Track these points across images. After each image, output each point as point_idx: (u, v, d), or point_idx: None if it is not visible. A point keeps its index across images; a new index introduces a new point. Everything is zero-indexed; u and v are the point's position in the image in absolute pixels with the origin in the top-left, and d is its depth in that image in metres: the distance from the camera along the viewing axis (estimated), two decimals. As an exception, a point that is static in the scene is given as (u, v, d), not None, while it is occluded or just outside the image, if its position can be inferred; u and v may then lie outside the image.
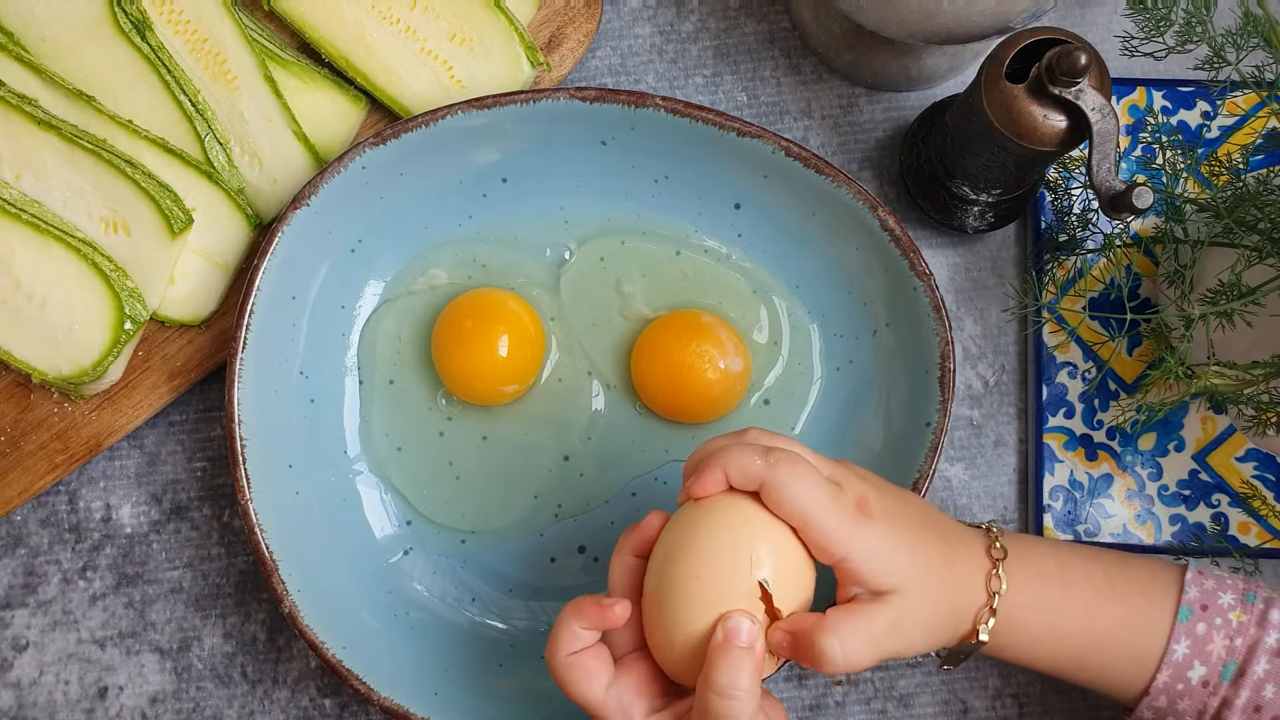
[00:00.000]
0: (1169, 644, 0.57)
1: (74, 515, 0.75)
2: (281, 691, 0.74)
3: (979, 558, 0.57)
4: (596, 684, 0.53)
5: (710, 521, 0.53)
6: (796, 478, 0.52)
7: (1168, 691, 0.58)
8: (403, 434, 0.73)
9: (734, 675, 0.50)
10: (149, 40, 0.72)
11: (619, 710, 0.53)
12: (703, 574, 0.52)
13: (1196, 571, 0.59)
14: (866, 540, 0.53)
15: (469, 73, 0.73)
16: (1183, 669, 0.57)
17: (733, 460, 0.53)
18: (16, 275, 0.70)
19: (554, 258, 0.74)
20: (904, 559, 0.54)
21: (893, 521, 0.54)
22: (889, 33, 0.66)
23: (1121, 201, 0.60)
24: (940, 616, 0.55)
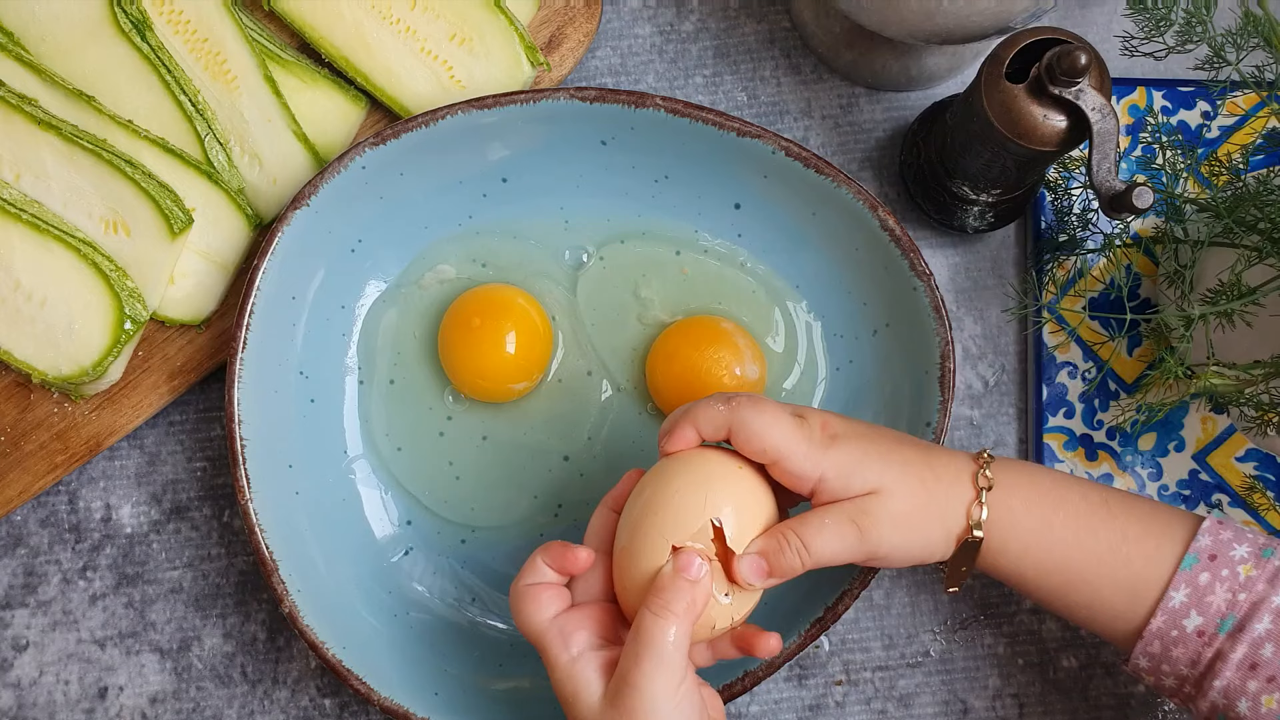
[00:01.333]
0: (1166, 589, 0.56)
1: (74, 515, 0.75)
2: (281, 691, 0.74)
3: (963, 460, 0.58)
4: (544, 612, 0.55)
5: (674, 469, 0.56)
6: (760, 414, 0.55)
7: (1161, 637, 0.56)
8: (403, 434, 0.73)
9: (671, 597, 0.52)
10: (149, 40, 0.72)
11: (559, 636, 0.54)
12: (660, 513, 0.54)
13: (1216, 522, 0.58)
14: (836, 457, 0.55)
15: (469, 73, 0.73)
16: (1178, 616, 0.56)
17: (700, 413, 0.57)
18: (17, 275, 0.70)
19: (572, 260, 0.74)
20: (875, 464, 0.56)
21: (862, 438, 0.57)
22: (889, 33, 0.66)
23: (1121, 201, 0.60)
24: (924, 513, 0.56)
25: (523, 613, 0.55)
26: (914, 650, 0.74)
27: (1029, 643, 0.74)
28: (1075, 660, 0.74)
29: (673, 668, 0.52)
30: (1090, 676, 0.73)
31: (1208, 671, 0.56)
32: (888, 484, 0.56)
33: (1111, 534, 0.57)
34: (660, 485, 0.56)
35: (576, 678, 0.53)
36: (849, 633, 0.74)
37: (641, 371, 0.73)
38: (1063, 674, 0.74)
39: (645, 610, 0.52)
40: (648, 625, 0.52)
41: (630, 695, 0.51)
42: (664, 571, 0.53)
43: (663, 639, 0.52)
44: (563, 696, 0.54)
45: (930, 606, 0.74)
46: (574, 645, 0.54)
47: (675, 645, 0.52)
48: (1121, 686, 0.73)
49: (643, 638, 0.52)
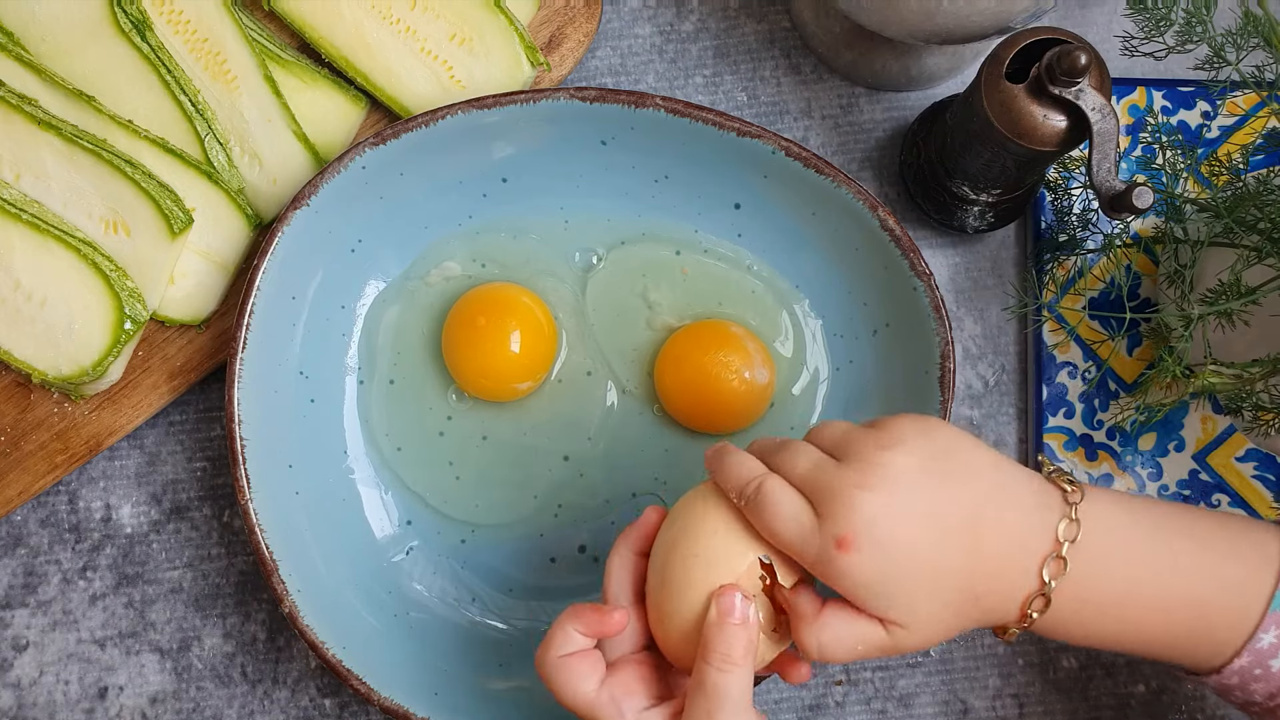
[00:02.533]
0: (1256, 632, 0.52)
1: (74, 515, 0.75)
2: (281, 691, 0.74)
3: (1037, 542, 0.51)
4: (588, 683, 0.52)
5: (707, 507, 0.53)
6: (761, 517, 0.51)
7: (1242, 674, 0.53)
8: (403, 434, 0.73)
9: (729, 646, 0.50)
10: (149, 40, 0.72)
11: (611, 705, 0.52)
12: (699, 554, 0.52)
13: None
14: (849, 580, 0.50)
15: (469, 73, 0.73)
16: (1265, 656, 0.53)
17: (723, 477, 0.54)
18: (17, 275, 0.70)
19: (582, 262, 0.74)
20: (901, 597, 0.50)
21: (888, 557, 0.49)
22: (889, 33, 0.66)
23: (1121, 201, 0.60)
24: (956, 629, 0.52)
25: (564, 687, 0.53)
26: (914, 650, 0.74)
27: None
28: (1075, 660, 0.74)
29: (745, 713, 0.51)
30: (1090, 677, 0.73)
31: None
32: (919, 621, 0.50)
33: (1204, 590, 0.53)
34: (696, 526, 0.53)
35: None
36: (849, 633, 0.74)
37: (645, 373, 0.73)
38: (1063, 674, 0.74)
39: (706, 666, 0.50)
40: (713, 680, 0.50)
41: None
42: (711, 618, 0.51)
43: (729, 690, 0.50)
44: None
45: (930, 606, 0.74)
46: (629, 712, 0.52)
47: (743, 693, 0.51)
48: (1121, 687, 0.73)
49: (710, 694, 0.50)
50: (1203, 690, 0.73)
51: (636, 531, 0.56)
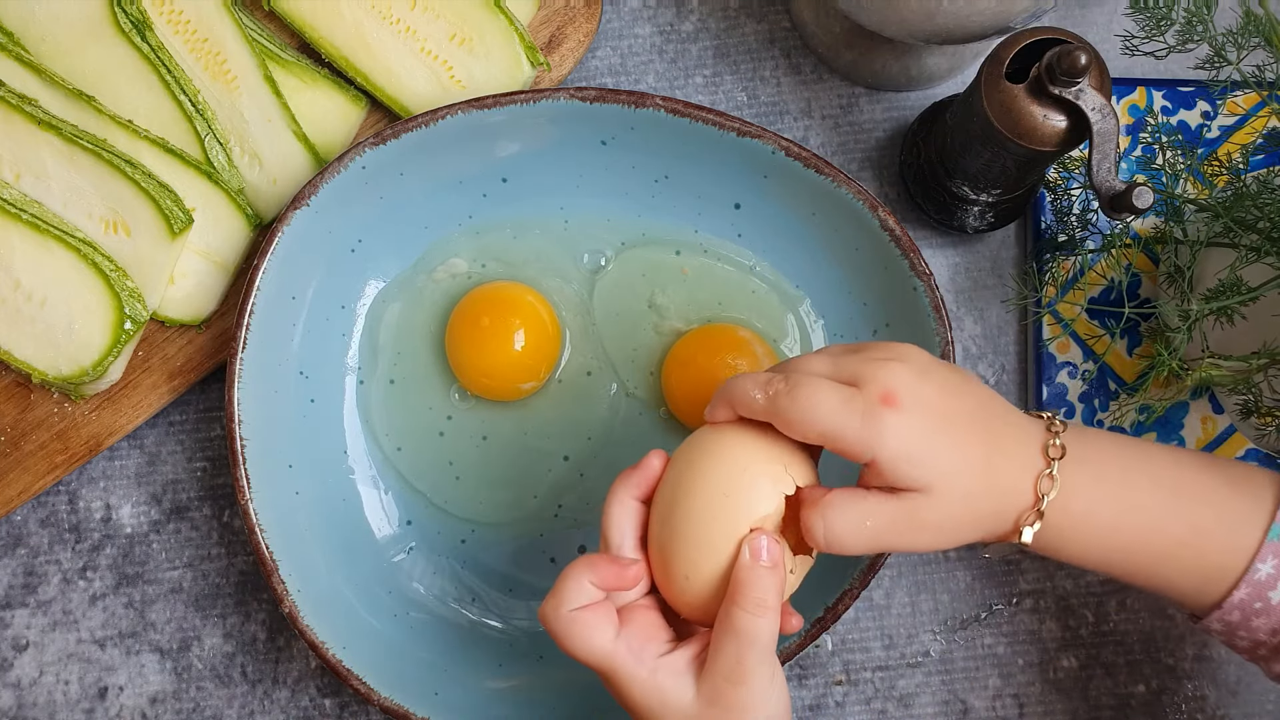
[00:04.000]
0: (1253, 562, 0.53)
1: (74, 515, 0.75)
2: (281, 691, 0.74)
3: (1030, 456, 0.53)
4: (604, 635, 0.51)
5: (719, 451, 0.52)
6: (799, 400, 0.51)
7: (1243, 608, 0.54)
8: (403, 434, 0.73)
9: (763, 592, 0.50)
10: (149, 40, 0.72)
11: (630, 655, 0.51)
12: (716, 502, 0.51)
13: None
14: (892, 437, 0.50)
15: (469, 73, 0.73)
16: (1264, 588, 0.53)
17: (736, 397, 0.53)
18: (17, 275, 0.70)
19: (591, 263, 0.74)
20: (938, 456, 0.51)
21: (928, 414, 0.51)
22: (889, 33, 0.66)
23: (1121, 202, 0.60)
24: (965, 521, 0.52)
25: (578, 640, 0.52)
26: (914, 650, 0.74)
27: (1029, 643, 0.74)
28: (1075, 660, 0.74)
29: (772, 658, 0.51)
30: (1090, 677, 0.73)
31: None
32: (942, 486, 0.51)
33: (1196, 520, 0.54)
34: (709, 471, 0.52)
35: (663, 688, 0.51)
36: (849, 632, 0.74)
37: (648, 374, 0.73)
38: (1063, 674, 0.74)
39: (738, 610, 0.50)
40: (746, 625, 0.50)
41: (735, 691, 0.50)
42: (744, 561, 0.50)
43: (761, 635, 0.50)
44: (644, 710, 0.52)
45: (930, 606, 0.74)
46: (647, 659, 0.52)
47: (772, 637, 0.51)
48: (1121, 687, 0.73)
49: (744, 638, 0.50)
50: (1203, 690, 0.73)
51: (640, 476, 0.55)
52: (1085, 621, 0.74)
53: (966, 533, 0.53)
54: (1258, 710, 0.73)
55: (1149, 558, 0.54)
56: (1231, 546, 0.53)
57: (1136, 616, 0.74)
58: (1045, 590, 0.74)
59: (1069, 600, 0.74)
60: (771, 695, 0.51)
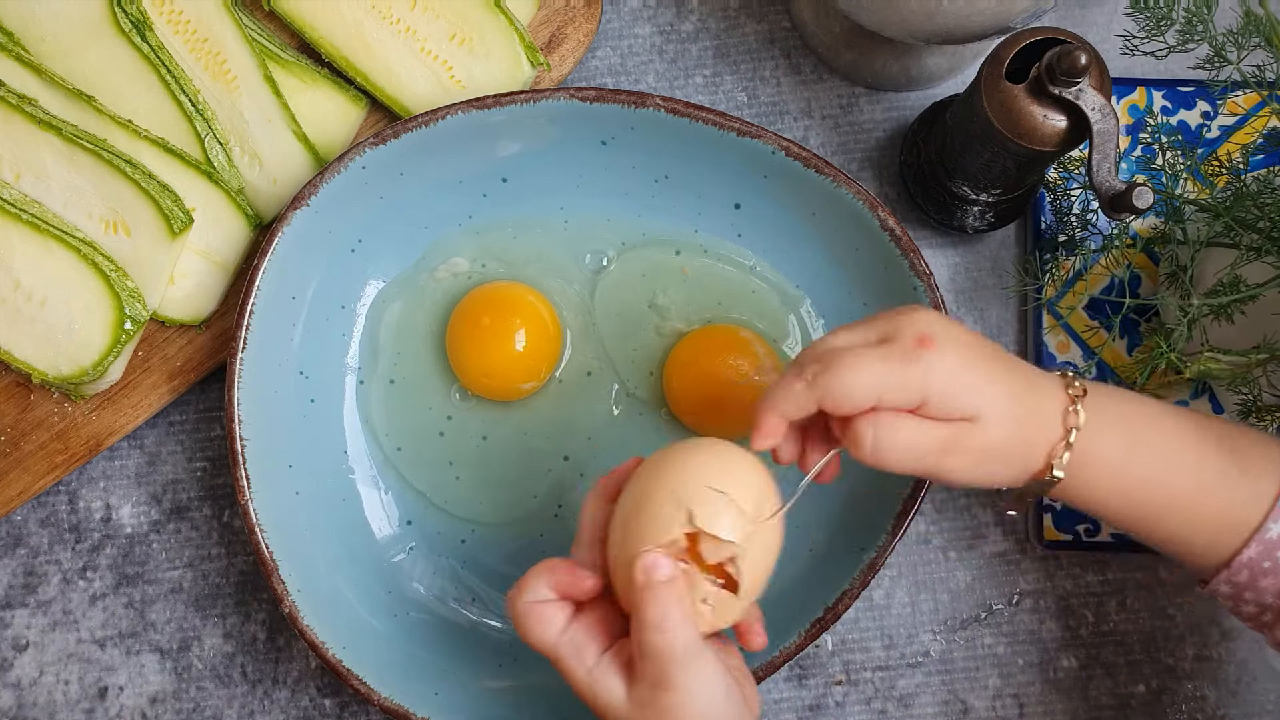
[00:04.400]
0: (1266, 520, 0.54)
1: (74, 515, 0.75)
2: (281, 691, 0.74)
3: (1057, 393, 0.55)
4: (552, 628, 0.54)
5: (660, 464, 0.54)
6: (840, 374, 0.51)
7: (1251, 567, 0.54)
8: (403, 434, 0.73)
9: (662, 609, 0.51)
10: (149, 40, 0.72)
11: (574, 651, 0.54)
12: (633, 512, 0.53)
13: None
14: (938, 373, 0.52)
15: (469, 73, 0.73)
16: (1273, 548, 0.54)
17: (781, 400, 0.53)
18: (17, 275, 0.70)
19: (593, 264, 0.74)
20: (982, 384, 0.53)
21: (962, 349, 0.53)
22: (889, 33, 0.66)
23: (1121, 202, 0.60)
24: (1012, 449, 0.54)
25: (530, 630, 0.55)
26: (914, 650, 0.74)
27: (1029, 643, 0.74)
28: (1075, 660, 0.74)
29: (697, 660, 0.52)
30: (1090, 677, 0.73)
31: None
32: (987, 413, 0.53)
33: (1206, 474, 0.55)
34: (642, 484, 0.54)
35: (597, 686, 0.53)
36: (849, 632, 0.74)
37: (648, 375, 0.73)
38: (1063, 674, 0.74)
39: (645, 632, 0.51)
40: (654, 644, 0.51)
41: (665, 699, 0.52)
42: (635, 585, 0.52)
43: (673, 648, 0.51)
44: (586, 700, 0.54)
45: (930, 606, 0.74)
46: (588, 656, 0.54)
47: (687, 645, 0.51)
48: (1121, 687, 0.73)
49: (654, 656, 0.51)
50: (1203, 690, 0.73)
51: (609, 480, 0.57)
52: (1085, 621, 0.74)
53: (1003, 464, 0.54)
54: (1258, 710, 0.73)
55: (1162, 506, 0.55)
56: (1244, 502, 0.54)
57: (1136, 616, 0.74)
58: (1045, 590, 0.74)
59: (1069, 600, 0.74)
60: (704, 693, 0.52)
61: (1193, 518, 0.55)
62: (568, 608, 0.55)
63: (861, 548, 0.67)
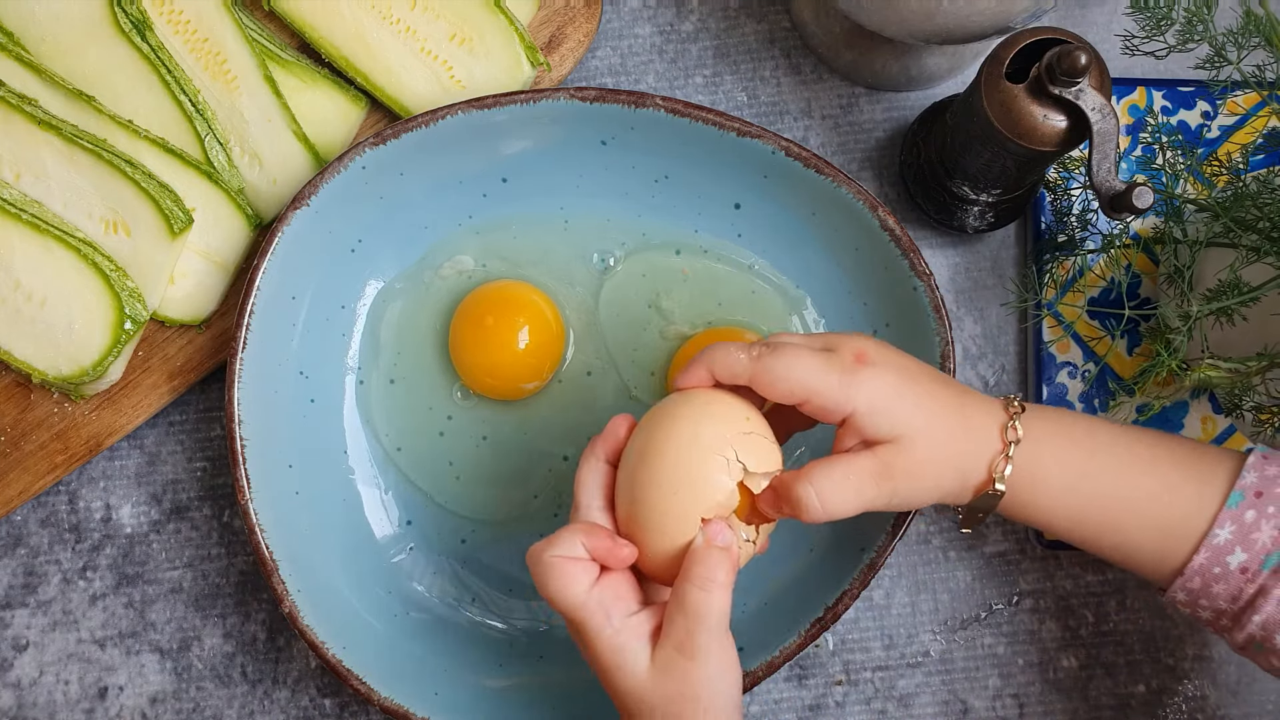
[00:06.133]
0: (1211, 527, 0.55)
1: (74, 515, 0.75)
2: (281, 691, 0.74)
3: (995, 411, 0.57)
4: (579, 586, 0.54)
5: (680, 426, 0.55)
6: (782, 358, 0.54)
7: (1203, 573, 0.56)
8: (403, 433, 0.73)
9: (713, 570, 0.52)
10: (149, 40, 0.72)
11: (600, 610, 0.54)
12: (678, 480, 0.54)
13: (1261, 457, 0.57)
14: (867, 389, 0.54)
15: (469, 73, 0.73)
16: (1222, 553, 0.55)
17: (718, 359, 0.56)
18: (17, 275, 0.70)
19: (600, 264, 0.74)
20: (908, 405, 0.54)
21: (899, 371, 0.55)
22: (889, 33, 0.66)
23: (1121, 202, 0.60)
24: (944, 463, 0.55)
25: (555, 585, 0.54)
26: (914, 650, 0.74)
27: (1029, 643, 0.74)
28: (1075, 660, 0.74)
29: (723, 637, 0.53)
30: (1090, 677, 0.73)
31: (1248, 606, 0.55)
32: (915, 430, 0.54)
33: (1151, 483, 0.56)
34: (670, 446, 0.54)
35: (623, 649, 0.53)
36: (849, 632, 0.74)
37: (649, 376, 0.73)
38: (1063, 674, 0.74)
39: (689, 586, 0.52)
40: (695, 600, 0.52)
41: (684, 664, 0.52)
42: (697, 545, 0.53)
43: (711, 611, 0.52)
44: (603, 666, 0.54)
45: (930, 606, 0.74)
46: (615, 618, 0.54)
47: (723, 614, 0.53)
48: (1122, 686, 0.73)
49: (691, 612, 0.52)
50: (1203, 690, 0.73)
51: (606, 441, 0.57)
52: (1085, 621, 0.74)
53: (941, 480, 0.56)
54: (1257, 710, 0.73)
55: (1111, 516, 0.57)
56: (1190, 512, 0.56)
57: (1136, 616, 0.74)
58: (1045, 590, 0.74)
59: (1069, 600, 0.74)
60: (720, 675, 0.53)
61: (1142, 526, 0.57)
62: (595, 568, 0.55)
63: (861, 548, 0.67)
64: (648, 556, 0.55)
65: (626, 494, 0.55)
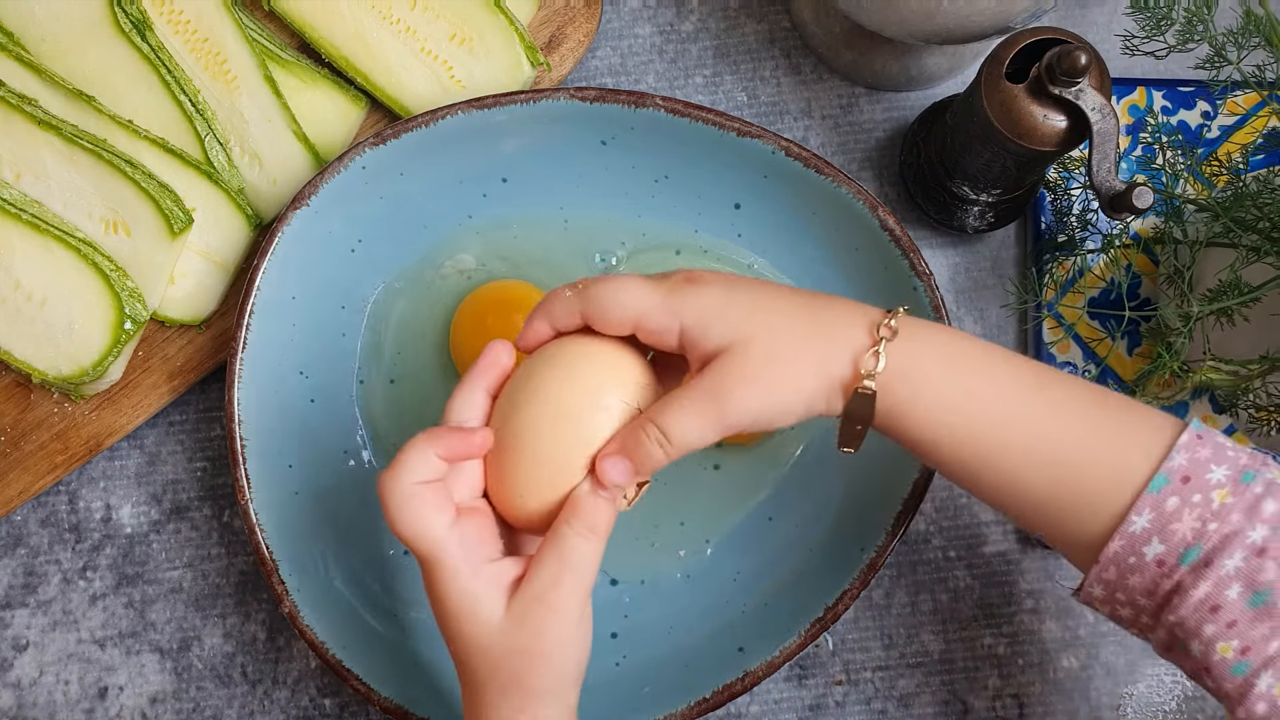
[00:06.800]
0: (1129, 514, 0.48)
1: (74, 515, 0.75)
2: (281, 692, 0.74)
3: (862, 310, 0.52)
4: (439, 519, 0.50)
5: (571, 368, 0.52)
6: (609, 285, 0.52)
7: (1118, 563, 0.49)
8: (403, 433, 0.73)
9: (596, 518, 0.50)
10: (149, 40, 0.72)
11: (459, 550, 0.50)
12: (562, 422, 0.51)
13: (1195, 436, 0.49)
14: (696, 302, 0.50)
15: (469, 73, 0.73)
16: (1138, 542, 0.48)
17: (551, 306, 0.53)
18: (17, 275, 0.70)
19: (603, 265, 0.74)
20: (739, 311, 0.50)
21: (729, 282, 0.51)
22: (889, 32, 0.66)
23: (1121, 202, 0.60)
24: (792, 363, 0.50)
25: (411, 517, 0.49)
26: (914, 650, 0.74)
27: (1029, 643, 0.74)
28: (1075, 661, 0.74)
29: (585, 599, 0.51)
30: (1090, 677, 0.73)
31: (1164, 604, 0.49)
32: (745, 334, 0.50)
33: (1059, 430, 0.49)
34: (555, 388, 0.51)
35: (477, 596, 0.50)
36: (849, 632, 0.74)
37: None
38: (1063, 674, 0.74)
39: (568, 531, 0.50)
40: (573, 547, 0.49)
41: (544, 614, 0.49)
42: (582, 490, 0.50)
43: (584, 562, 0.50)
44: (450, 610, 0.50)
45: (930, 606, 0.74)
46: (475, 560, 0.50)
47: (594, 570, 0.50)
48: (1122, 686, 0.73)
49: (567, 559, 0.49)
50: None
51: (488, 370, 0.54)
52: (1085, 621, 0.74)
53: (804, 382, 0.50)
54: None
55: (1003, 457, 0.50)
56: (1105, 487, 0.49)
57: (1137, 616, 0.74)
58: (1045, 590, 0.74)
59: (1069, 600, 0.74)
60: (575, 638, 0.50)
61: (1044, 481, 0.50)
62: (451, 499, 0.51)
63: (861, 547, 0.67)
64: (521, 502, 0.52)
65: (505, 433, 0.52)
